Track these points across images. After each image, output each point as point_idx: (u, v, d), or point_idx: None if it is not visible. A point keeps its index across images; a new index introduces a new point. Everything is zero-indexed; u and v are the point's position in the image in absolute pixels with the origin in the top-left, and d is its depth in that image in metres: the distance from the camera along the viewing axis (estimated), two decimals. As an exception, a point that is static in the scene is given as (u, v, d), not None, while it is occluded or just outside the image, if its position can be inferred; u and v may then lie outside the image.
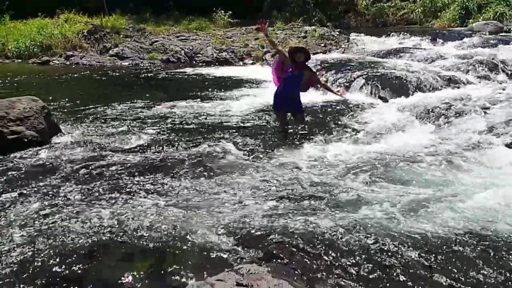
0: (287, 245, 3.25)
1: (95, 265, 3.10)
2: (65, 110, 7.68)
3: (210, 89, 9.66)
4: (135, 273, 3.00)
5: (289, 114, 6.35)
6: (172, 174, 4.70)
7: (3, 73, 11.70)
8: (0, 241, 3.38)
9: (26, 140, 5.57)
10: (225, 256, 3.17)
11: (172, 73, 12.29)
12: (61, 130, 6.25)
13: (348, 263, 3.04)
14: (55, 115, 6.76)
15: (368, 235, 3.39)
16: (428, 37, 14.76)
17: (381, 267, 3.02)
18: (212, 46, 15.19)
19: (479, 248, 3.25)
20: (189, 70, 12.91)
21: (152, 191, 4.28)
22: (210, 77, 11.60)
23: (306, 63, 6.13)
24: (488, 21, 16.83)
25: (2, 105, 5.69)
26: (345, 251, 3.19)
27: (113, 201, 4.07)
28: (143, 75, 12.08)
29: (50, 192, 4.28)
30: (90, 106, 8.00)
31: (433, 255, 3.16)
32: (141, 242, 3.36)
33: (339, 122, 6.87)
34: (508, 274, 2.97)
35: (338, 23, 20.85)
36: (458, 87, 8.46)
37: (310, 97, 8.15)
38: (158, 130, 6.42)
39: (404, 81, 8.66)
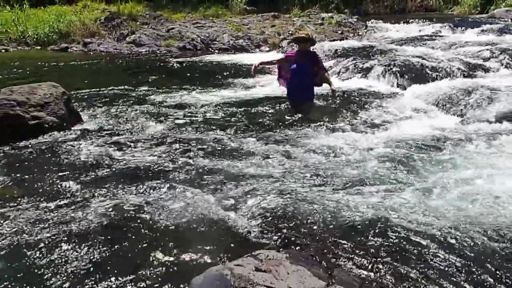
0: (306, 232, 3.27)
1: (113, 250, 3.16)
2: (85, 96, 7.76)
3: (227, 76, 9.67)
4: (154, 259, 3.04)
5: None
6: (191, 161, 4.74)
7: (23, 60, 11.86)
8: (13, 226, 3.45)
9: (46, 125, 5.65)
10: (243, 241, 3.20)
11: (189, 60, 12.30)
12: (81, 116, 6.32)
13: (367, 250, 3.05)
14: (75, 101, 6.85)
15: (390, 223, 3.37)
16: (448, 24, 14.49)
17: (402, 255, 3.01)
18: (228, 33, 15.14)
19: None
20: (205, 57, 12.90)
21: (171, 178, 4.31)
22: (227, 64, 11.59)
23: (314, 54, 6.26)
24: (510, 7, 16.44)
25: (23, 91, 5.77)
26: (365, 238, 3.19)
27: (132, 187, 4.11)
28: (160, 62, 12.12)
29: (68, 178, 4.35)
30: (109, 93, 8.07)
31: (459, 243, 3.14)
32: (159, 228, 3.41)
33: (357, 110, 6.81)
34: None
35: (355, 10, 20.58)
36: (479, 75, 8.31)
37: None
38: (178, 118, 6.45)
39: (424, 69, 8.53)
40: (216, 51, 14.17)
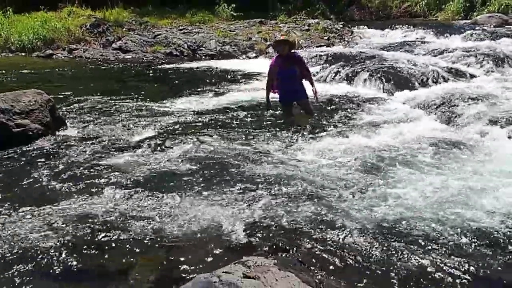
0: (294, 238, 3.27)
1: (102, 257, 3.13)
2: (70, 103, 7.69)
3: (213, 83, 9.67)
4: (142, 266, 3.02)
5: (295, 103, 6.44)
6: (176, 168, 4.71)
7: (7, 66, 11.72)
8: (1, 234, 3.41)
9: (31, 133, 5.59)
10: (232, 248, 3.19)
11: (175, 67, 12.27)
12: (66, 123, 6.27)
13: (355, 255, 3.06)
14: (60, 108, 6.78)
15: (376, 229, 3.39)
16: (433, 30, 14.69)
17: (390, 261, 3.02)
18: (215, 39, 15.14)
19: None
20: (192, 63, 12.89)
21: (157, 185, 4.29)
22: (214, 71, 11.58)
23: (296, 56, 6.25)
24: (492, 13, 16.73)
25: (7, 98, 5.70)
26: (353, 244, 3.20)
27: (118, 194, 4.08)
28: (146, 68, 12.08)
29: (54, 185, 4.31)
30: (94, 99, 8.01)
31: (442, 249, 3.17)
32: (147, 235, 3.38)
33: (344, 115, 6.85)
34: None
35: (341, 16, 20.78)
36: (463, 80, 8.44)
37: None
38: (162, 124, 6.42)
39: (409, 74, 8.64)
40: (203, 57, 14.16)
